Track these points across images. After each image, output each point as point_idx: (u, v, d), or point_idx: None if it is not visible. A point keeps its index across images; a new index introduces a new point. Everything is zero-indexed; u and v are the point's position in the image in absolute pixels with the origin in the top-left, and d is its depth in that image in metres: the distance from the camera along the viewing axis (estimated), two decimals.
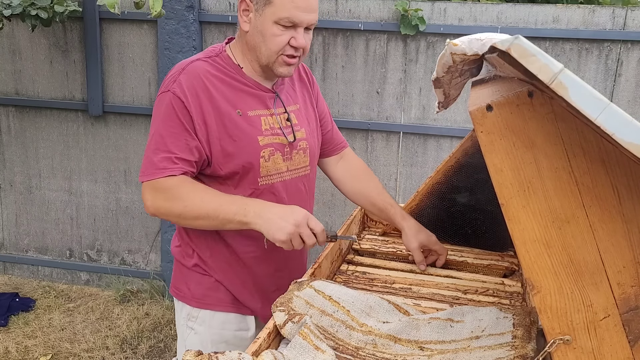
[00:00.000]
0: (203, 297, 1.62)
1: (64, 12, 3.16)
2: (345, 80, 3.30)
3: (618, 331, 0.95)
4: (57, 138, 3.68)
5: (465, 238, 1.78)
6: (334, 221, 3.49)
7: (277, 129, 1.55)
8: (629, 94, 3.06)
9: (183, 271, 1.65)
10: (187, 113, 1.44)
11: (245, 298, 1.63)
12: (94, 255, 3.83)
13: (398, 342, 1.23)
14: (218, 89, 1.48)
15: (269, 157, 1.53)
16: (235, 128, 1.48)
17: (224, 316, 1.62)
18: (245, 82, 1.53)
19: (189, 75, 1.47)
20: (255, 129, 1.51)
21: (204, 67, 1.50)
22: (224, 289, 1.61)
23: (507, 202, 0.96)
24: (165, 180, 1.44)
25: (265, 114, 1.54)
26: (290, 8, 1.42)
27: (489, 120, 0.94)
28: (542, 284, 0.96)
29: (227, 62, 1.53)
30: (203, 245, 1.59)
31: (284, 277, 1.64)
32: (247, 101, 1.52)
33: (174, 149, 1.44)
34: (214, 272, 1.61)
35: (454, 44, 1.14)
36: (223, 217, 1.42)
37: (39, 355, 3.05)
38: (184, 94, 1.44)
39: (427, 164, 3.30)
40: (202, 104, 1.45)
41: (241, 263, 1.60)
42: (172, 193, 1.44)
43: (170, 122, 1.45)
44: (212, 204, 1.43)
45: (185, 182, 1.44)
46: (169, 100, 1.45)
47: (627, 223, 0.92)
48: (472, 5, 3.11)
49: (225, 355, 1.05)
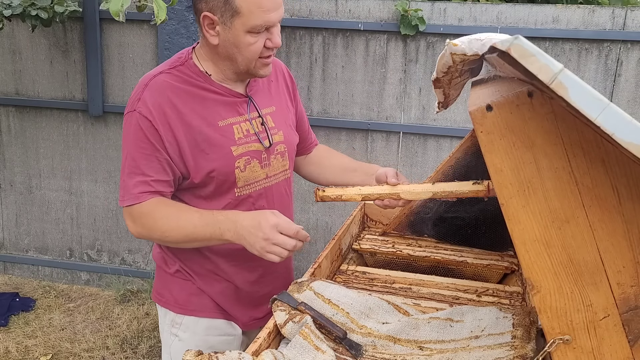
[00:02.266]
0: (186, 303, 1.58)
1: (64, 12, 3.16)
2: (345, 80, 3.30)
3: (618, 331, 0.95)
4: (57, 138, 3.68)
5: (465, 238, 1.78)
6: (334, 221, 3.49)
7: (252, 134, 1.50)
8: (629, 94, 3.06)
9: (165, 277, 1.61)
10: (155, 132, 1.40)
11: (228, 306, 1.60)
12: (94, 255, 3.83)
13: (397, 342, 1.23)
14: (185, 102, 1.43)
15: (245, 167, 1.48)
16: (206, 141, 1.43)
17: (208, 322, 1.58)
18: (215, 90, 1.47)
19: (153, 92, 1.42)
20: (227, 139, 1.46)
21: (168, 80, 1.44)
22: (207, 294, 1.58)
23: (507, 202, 0.96)
24: (140, 207, 1.42)
25: (237, 121, 1.49)
26: (260, 14, 1.35)
27: (488, 120, 0.94)
28: (542, 283, 0.96)
29: (194, 70, 1.47)
30: (183, 254, 1.57)
31: (268, 282, 1.62)
32: (217, 110, 1.46)
33: (148, 172, 1.41)
34: (195, 279, 1.58)
35: (454, 44, 1.14)
36: (201, 239, 1.41)
37: (39, 355, 3.05)
38: (150, 112, 1.40)
39: (427, 164, 3.30)
40: (169, 121, 1.40)
41: (222, 272, 1.57)
42: (147, 220, 1.42)
43: (141, 143, 1.41)
44: (187, 228, 1.40)
45: (158, 206, 1.42)
46: (136, 120, 1.41)
47: (626, 223, 0.92)
48: (472, 6, 3.11)
49: (225, 355, 1.05)
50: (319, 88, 3.35)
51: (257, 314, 1.64)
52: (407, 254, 1.73)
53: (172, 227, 1.41)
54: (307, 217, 3.52)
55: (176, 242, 1.46)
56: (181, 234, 1.41)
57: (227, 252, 1.53)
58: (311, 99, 3.36)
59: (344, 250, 1.75)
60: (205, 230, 1.39)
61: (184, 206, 1.45)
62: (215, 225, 1.38)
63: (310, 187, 3.44)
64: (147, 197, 1.41)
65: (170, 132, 1.41)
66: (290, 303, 1.27)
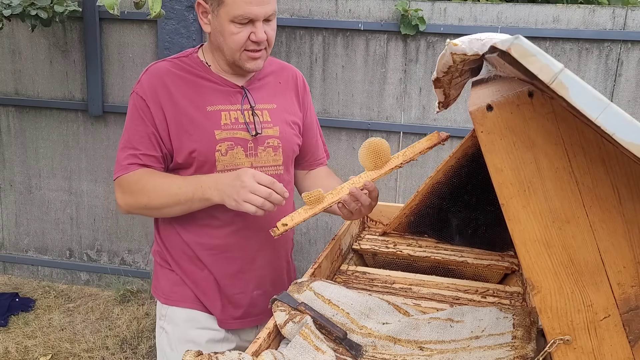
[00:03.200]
0: (170, 293, 1.62)
1: (64, 12, 3.15)
2: (345, 80, 3.30)
3: (618, 331, 0.95)
4: (57, 138, 3.68)
5: (465, 238, 1.78)
6: (334, 221, 3.49)
7: (240, 123, 1.55)
8: (629, 94, 3.06)
9: (157, 269, 1.68)
10: (148, 110, 1.51)
11: (205, 298, 1.61)
12: (93, 255, 3.83)
13: (398, 342, 1.23)
14: (178, 86, 1.53)
15: (227, 151, 1.53)
16: (190, 123, 1.51)
17: (188, 313, 1.60)
18: (210, 79, 1.56)
19: (150, 75, 1.54)
20: (212, 123, 1.52)
21: (166, 66, 1.56)
22: (187, 285, 1.61)
23: (507, 202, 0.96)
24: (129, 176, 1.51)
25: (227, 109, 1.55)
26: (242, 5, 1.42)
27: (489, 120, 0.94)
28: (543, 284, 0.96)
29: (195, 61, 1.58)
30: (167, 242, 1.62)
31: (248, 280, 1.62)
32: (208, 97, 1.54)
33: (138, 146, 1.51)
34: (176, 268, 1.62)
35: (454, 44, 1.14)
36: (184, 199, 1.47)
37: (38, 356, 3.04)
38: (144, 92, 1.51)
39: (427, 163, 3.30)
40: (160, 101, 1.51)
41: (199, 261, 1.59)
42: (135, 186, 1.50)
43: (135, 120, 1.53)
44: (172, 189, 1.47)
45: (145, 174, 1.51)
46: (133, 100, 1.54)
47: (627, 223, 0.92)
48: (472, 5, 3.11)
49: (225, 355, 1.05)
50: (319, 88, 3.35)
51: (234, 313, 1.63)
52: (407, 254, 1.73)
53: (157, 189, 1.49)
54: None
55: (161, 206, 1.50)
56: (165, 194, 1.48)
57: (207, 239, 1.57)
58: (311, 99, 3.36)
59: (344, 250, 1.75)
60: (188, 189, 1.46)
61: (170, 174, 1.54)
62: (198, 184, 1.46)
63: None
64: (135, 168, 1.51)
65: (160, 111, 1.50)
66: (290, 303, 1.27)
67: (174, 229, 1.60)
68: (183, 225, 1.59)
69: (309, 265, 1.53)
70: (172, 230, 1.61)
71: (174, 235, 1.60)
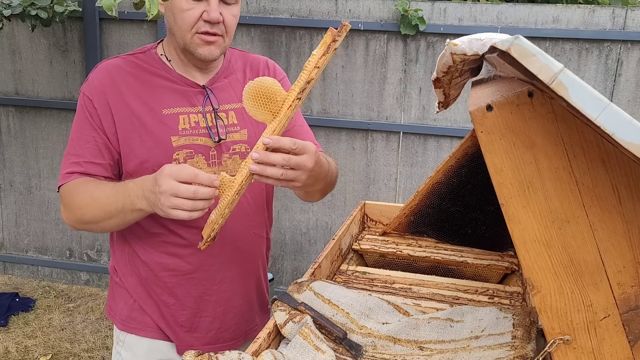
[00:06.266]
0: (128, 319, 1.48)
1: (64, 12, 3.16)
2: (345, 80, 3.30)
3: (618, 331, 0.95)
4: (57, 138, 3.67)
5: (465, 238, 1.78)
6: (334, 221, 3.48)
7: (201, 128, 1.39)
8: (629, 93, 3.06)
9: (113, 287, 1.52)
10: (94, 112, 1.36)
11: (166, 325, 1.46)
12: (93, 255, 3.83)
13: (397, 342, 1.23)
14: (130, 85, 1.37)
15: (185, 160, 1.36)
16: (143, 127, 1.35)
17: (149, 343, 1.47)
18: (168, 78, 1.40)
19: (99, 72, 1.40)
20: (168, 129, 1.36)
21: (117, 63, 1.40)
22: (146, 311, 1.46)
23: (507, 202, 0.96)
24: (66, 187, 1.36)
25: (187, 112, 1.39)
26: None
27: (489, 120, 0.94)
28: (542, 284, 0.96)
29: (153, 58, 1.42)
30: (122, 259, 1.47)
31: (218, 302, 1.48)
32: (165, 98, 1.38)
33: (81, 152, 1.36)
34: (133, 291, 1.47)
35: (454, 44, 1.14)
36: (115, 211, 1.28)
37: (38, 355, 3.04)
38: (91, 92, 1.38)
39: (427, 163, 3.30)
40: (109, 101, 1.36)
41: (160, 284, 1.44)
42: (71, 198, 1.34)
43: (80, 123, 1.39)
44: (102, 200, 1.29)
45: (80, 184, 1.34)
46: (81, 101, 1.40)
47: (627, 223, 0.92)
48: (472, 5, 3.11)
49: (225, 355, 1.05)
50: (319, 88, 3.34)
51: (193, 341, 1.47)
52: (407, 254, 1.73)
53: (87, 202, 1.31)
54: (307, 217, 3.52)
55: (94, 220, 1.33)
56: (96, 206, 1.30)
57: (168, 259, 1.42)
58: (311, 99, 3.36)
59: (344, 250, 1.75)
60: (117, 200, 1.27)
61: (103, 182, 1.34)
62: (126, 193, 1.26)
63: None
64: (75, 177, 1.35)
65: (108, 113, 1.36)
66: (290, 303, 1.27)
67: (129, 247, 1.44)
68: (139, 242, 1.42)
69: (309, 265, 1.53)
70: (128, 247, 1.45)
71: (130, 253, 1.45)
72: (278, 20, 3.26)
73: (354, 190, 3.42)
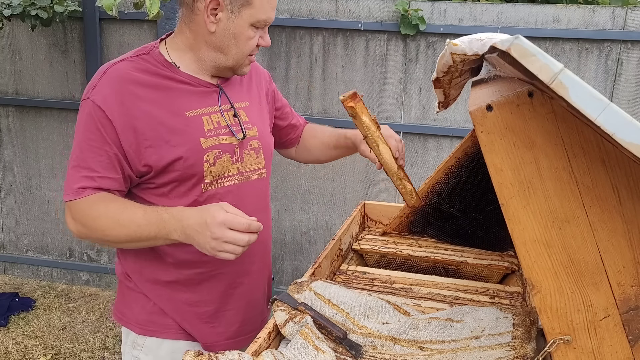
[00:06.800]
0: (147, 322, 1.45)
1: (64, 12, 3.16)
2: (345, 80, 3.30)
3: (618, 331, 0.95)
4: (57, 138, 3.67)
5: (465, 238, 1.78)
6: (334, 221, 3.49)
7: (223, 127, 1.40)
8: (629, 93, 3.06)
9: (125, 293, 1.49)
10: (109, 124, 1.29)
11: (190, 326, 1.46)
12: (94, 255, 3.83)
13: (398, 342, 1.23)
14: (146, 91, 1.32)
15: (215, 161, 1.37)
16: (171, 132, 1.32)
17: (172, 344, 1.45)
18: (181, 80, 1.37)
19: (110, 79, 1.31)
20: (195, 131, 1.35)
21: (128, 68, 1.34)
22: (168, 313, 1.45)
23: (507, 202, 0.96)
24: (80, 203, 1.30)
25: (207, 112, 1.39)
26: (267, 9, 1.34)
27: (489, 120, 0.94)
28: (542, 284, 0.96)
29: (159, 59, 1.37)
30: (139, 266, 1.44)
31: (241, 295, 1.50)
32: (184, 101, 1.36)
33: (94, 166, 1.30)
34: (149, 292, 1.45)
35: (454, 44, 1.14)
36: (146, 237, 1.28)
37: (39, 355, 3.04)
38: (105, 101, 1.29)
39: (427, 163, 3.30)
40: (128, 112, 1.29)
41: (181, 283, 1.44)
42: (88, 217, 1.30)
43: (90, 134, 1.30)
44: (130, 226, 1.28)
45: (99, 201, 1.30)
46: (89, 110, 1.30)
47: (627, 223, 0.92)
48: (472, 5, 3.11)
49: (225, 355, 1.05)
50: (319, 88, 3.35)
51: (217, 337, 1.48)
52: (408, 254, 1.73)
53: (112, 226, 1.29)
54: (307, 217, 3.52)
55: (118, 242, 1.34)
56: (122, 233, 1.29)
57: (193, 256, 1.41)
58: (311, 99, 3.36)
59: (344, 250, 1.75)
60: (150, 229, 1.27)
61: (127, 202, 1.32)
62: (160, 224, 1.26)
63: (310, 187, 3.44)
64: (88, 193, 1.30)
65: (127, 124, 1.29)
66: (290, 303, 1.27)
67: (150, 251, 1.40)
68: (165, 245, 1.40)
69: (309, 265, 1.53)
70: (147, 251, 1.40)
71: (149, 258, 1.41)
72: (278, 20, 3.26)
73: (354, 190, 3.42)
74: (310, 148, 1.82)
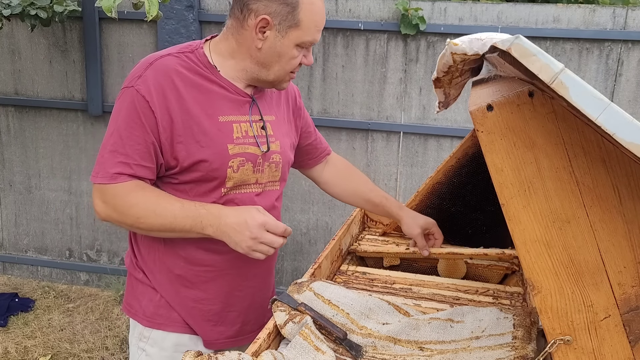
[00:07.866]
0: (154, 315, 1.48)
1: (64, 12, 3.15)
2: (345, 80, 3.30)
3: (619, 331, 0.94)
4: (57, 138, 3.67)
5: (465, 238, 1.78)
6: (334, 221, 3.48)
7: (250, 137, 1.43)
8: (630, 93, 3.06)
9: (134, 285, 1.52)
10: (150, 114, 1.32)
11: (194, 321, 1.49)
12: (93, 255, 3.83)
13: (398, 343, 1.23)
14: (188, 89, 1.36)
15: (238, 168, 1.40)
16: (202, 133, 1.36)
17: (176, 337, 1.48)
18: (220, 84, 1.41)
19: (157, 72, 1.34)
20: (224, 136, 1.38)
21: (174, 63, 1.37)
22: (174, 307, 1.48)
23: (507, 202, 0.95)
24: (115, 188, 1.33)
25: (238, 120, 1.42)
26: (314, 32, 1.37)
27: (489, 120, 0.94)
28: (543, 284, 0.96)
29: (202, 60, 1.40)
30: (151, 259, 1.47)
31: (244, 297, 1.53)
32: (219, 105, 1.40)
33: (133, 154, 1.33)
34: (158, 286, 1.48)
35: (455, 43, 1.14)
36: (180, 229, 1.34)
37: (38, 356, 3.04)
38: (149, 92, 1.32)
39: (428, 163, 3.30)
40: (168, 104, 1.33)
41: (189, 280, 1.46)
42: (122, 203, 1.33)
43: (132, 122, 1.32)
44: (166, 217, 1.32)
45: (136, 190, 1.33)
46: (132, 98, 1.32)
47: (627, 223, 0.92)
48: (473, 5, 3.11)
49: (225, 355, 1.05)
50: (319, 88, 3.34)
51: (218, 336, 1.51)
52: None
53: (148, 214, 1.33)
54: (307, 217, 3.52)
55: (149, 230, 1.37)
56: (157, 222, 1.33)
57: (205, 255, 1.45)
58: (311, 99, 3.35)
59: (344, 250, 1.75)
60: (185, 222, 1.32)
61: (162, 193, 1.37)
62: (197, 218, 1.32)
63: (310, 187, 3.43)
64: (124, 179, 1.32)
65: (167, 117, 1.33)
66: (290, 304, 1.27)
67: (163, 244, 1.44)
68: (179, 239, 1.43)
69: (309, 266, 1.53)
70: (160, 245, 1.45)
71: (162, 250, 1.45)
72: None
73: None
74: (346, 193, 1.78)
